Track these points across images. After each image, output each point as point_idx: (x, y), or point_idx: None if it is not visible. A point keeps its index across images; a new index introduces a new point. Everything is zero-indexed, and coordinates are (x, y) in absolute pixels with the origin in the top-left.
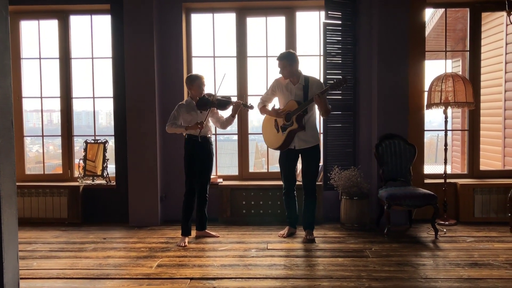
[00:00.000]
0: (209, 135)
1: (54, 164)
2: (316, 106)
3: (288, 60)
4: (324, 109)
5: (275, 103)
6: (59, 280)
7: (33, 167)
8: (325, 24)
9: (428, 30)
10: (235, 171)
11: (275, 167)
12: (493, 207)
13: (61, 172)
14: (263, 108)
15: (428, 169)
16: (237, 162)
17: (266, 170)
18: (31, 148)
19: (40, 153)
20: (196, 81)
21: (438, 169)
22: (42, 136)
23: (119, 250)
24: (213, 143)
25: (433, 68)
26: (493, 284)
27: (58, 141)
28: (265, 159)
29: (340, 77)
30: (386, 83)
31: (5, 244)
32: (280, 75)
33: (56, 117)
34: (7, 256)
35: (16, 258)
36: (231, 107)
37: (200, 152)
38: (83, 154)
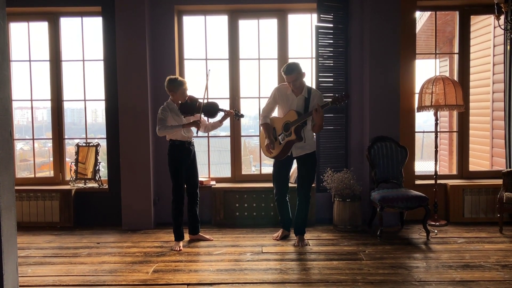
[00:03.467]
0: (192, 139)
1: (39, 162)
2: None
3: (299, 72)
4: (319, 123)
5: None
6: None
7: (17, 165)
8: (317, 27)
9: (416, 30)
10: (224, 169)
11: (268, 169)
12: (482, 207)
13: (47, 170)
14: (264, 125)
15: (415, 165)
16: (225, 159)
17: (258, 172)
18: (15, 145)
19: (24, 151)
20: (181, 87)
21: (425, 165)
22: (33, 139)
23: (114, 255)
24: (205, 148)
25: (421, 67)
26: (485, 287)
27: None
28: (253, 156)
29: (343, 93)
30: (378, 85)
31: (5, 256)
32: (281, 84)
33: (40, 115)
34: (7, 268)
35: (15, 269)
36: (218, 115)
37: (186, 157)
38: (75, 157)
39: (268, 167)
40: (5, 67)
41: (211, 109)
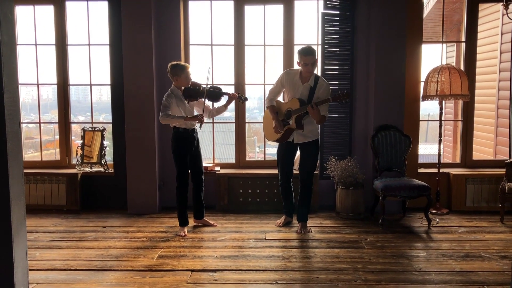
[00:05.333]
0: (196, 126)
1: (45, 140)
2: None
3: (315, 54)
4: (318, 118)
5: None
6: (62, 272)
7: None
8: (324, 14)
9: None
10: (228, 150)
11: (272, 155)
12: (484, 196)
13: (53, 149)
14: (270, 108)
15: (419, 148)
16: (230, 140)
17: (262, 153)
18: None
19: (30, 129)
20: (184, 71)
21: (429, 148)
22: (39, 123)
23: (120, 240)
24: (209, 134)
25: (428, 52)
26: (484, 277)
27: (47, 116)
28: (257, 137)
29: (345, 90)
30: (383, 74)
31: (15, 245)
32: (290, 69)
33: (45, 92)
34: (17, 257)
35: (25, 256)
36: (223, 98)
37: (190, 144)
38: (81, 141)
39: (272, 149)
40: (13, 60)
41: (215, 93)
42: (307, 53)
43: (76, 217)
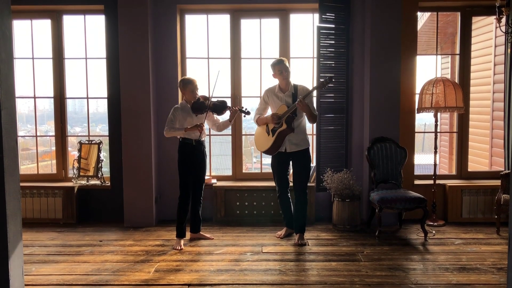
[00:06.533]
0: (203, 138)
1: (41, 152)
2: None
3: (286, 64)
4: (309, 113)
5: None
6: (59, 287)
7: (19, 154)
8: (319, 28)
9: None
10: (225, 160)
11: (268, 166)
12: (480, 208)
13: (49, 160)
14: (259, 119)
15: (415, 158)
16: (226, 151)
17: (259, 163)
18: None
19: (26, 140)
20: (188, 86)
21: (426, 159)
22: (36, 136)
23: (116, 254)
24: (206, 145)
25: (423, 63)
26: None
27: (44, 126)
28: (254, 147)
29: (326, 77)
30: (378, 86)
31: (11, 261)
32: (271, 85)
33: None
34: (13, 273)
35: (21, 274)
36: (227, 112)
37: (195, 156)
38: (78, 154)
39: (269, 159)
40: (11, 77)
41: (219, 106)
42: (279, 62)
43: (73, 230)
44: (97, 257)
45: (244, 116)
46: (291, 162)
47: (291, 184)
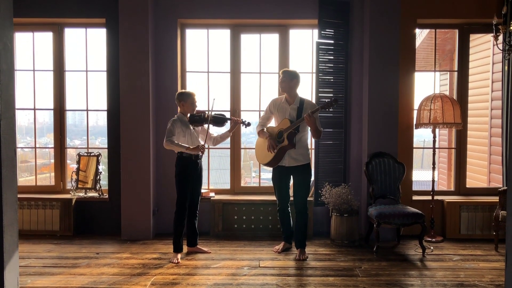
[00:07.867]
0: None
1: (40, 164)
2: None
3: (290, 76)
4: (314, 128)
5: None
6: None
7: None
8: (318, 43)
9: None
10: (224, 174)
11: (268, 180)
12: (478, 224)
13: (47, 172)
14: (260, 131)
15: (414, 175)
16: (225, 165)
17: (257, 177)
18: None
19: (25, 152)
20: (189, 98)
21: (425, 175)
22: (35, 148)
23: (113, 266)
24: (204, 159)
25: (422, 79)
26: None
27: (43, 139)
28: (253, 162)
29: (332, 98)
30: (377, 101)
31: (6, 272)
32: (276, 96)
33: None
34: (8, 284)
35: (16, 285)
36: (227, 124)
37: (193, 170)
38: (76, 166)
39: (268, 174)
40: (11, 88)
41: (219, 118)
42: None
43: (69, 242)
44: (93, 269)
45: (245, 127)
46: (292, 176)
47: (291, 198)
